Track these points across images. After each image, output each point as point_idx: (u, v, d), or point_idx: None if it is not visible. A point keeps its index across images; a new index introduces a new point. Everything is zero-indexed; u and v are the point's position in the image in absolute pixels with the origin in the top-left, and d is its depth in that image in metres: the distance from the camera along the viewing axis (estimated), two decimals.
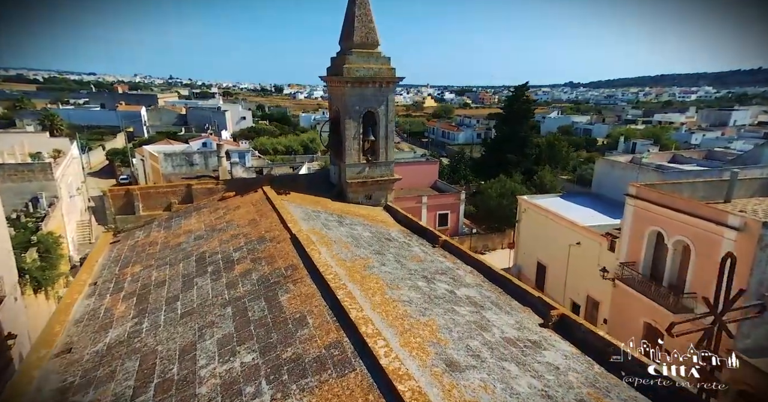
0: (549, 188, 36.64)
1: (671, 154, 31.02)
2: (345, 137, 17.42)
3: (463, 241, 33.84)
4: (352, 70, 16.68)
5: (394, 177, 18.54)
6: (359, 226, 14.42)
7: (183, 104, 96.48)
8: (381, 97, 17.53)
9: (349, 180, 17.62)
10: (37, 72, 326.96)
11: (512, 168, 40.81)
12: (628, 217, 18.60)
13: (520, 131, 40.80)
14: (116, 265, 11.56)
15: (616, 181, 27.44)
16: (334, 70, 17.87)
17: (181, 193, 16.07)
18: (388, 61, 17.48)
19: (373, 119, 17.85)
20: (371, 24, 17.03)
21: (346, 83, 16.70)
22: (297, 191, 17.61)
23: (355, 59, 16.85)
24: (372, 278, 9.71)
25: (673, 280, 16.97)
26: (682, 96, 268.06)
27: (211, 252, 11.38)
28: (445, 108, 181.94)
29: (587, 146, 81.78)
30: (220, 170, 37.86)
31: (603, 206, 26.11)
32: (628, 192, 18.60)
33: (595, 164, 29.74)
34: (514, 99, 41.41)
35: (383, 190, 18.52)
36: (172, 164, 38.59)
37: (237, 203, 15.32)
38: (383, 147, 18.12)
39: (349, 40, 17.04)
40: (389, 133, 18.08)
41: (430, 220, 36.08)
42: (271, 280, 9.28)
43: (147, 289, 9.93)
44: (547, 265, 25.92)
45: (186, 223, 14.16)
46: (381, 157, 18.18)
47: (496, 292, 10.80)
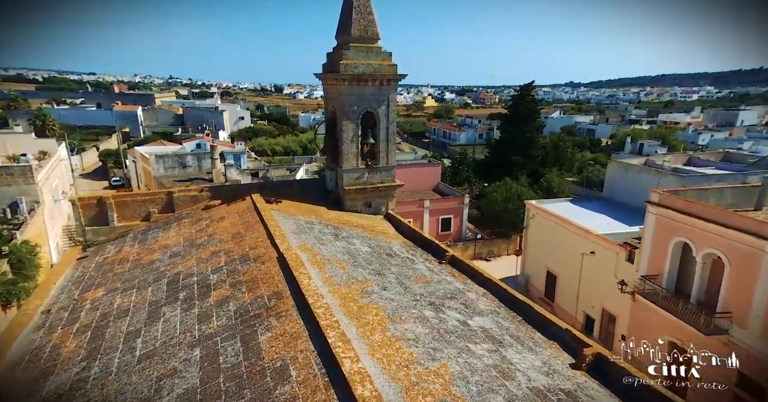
0: (557, 192, 35.15)
1: (687, 157, 29.55)
2: (342, 140, 15.95)
3: (467, 247, 32.41)
4: (349, 67, 15.21)
5: (395, 183, 17.07)
6: (357, 240, 12.95)
7: (180, 104, 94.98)
8: (381, 97, 16.06)
9: (347, 187, 16.14)
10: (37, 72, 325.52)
11: (517, 170, 39.31)
12: (650, 226, 17.14)
13: (526, 132, 39.33)
14: (77, 288, 10.10)
15: (630, 185, 25.99)
16: (329, 67, 16.40)
17: (162, 202, 14.61)
18: (389, 57, 16.01)
19: (373, 120, 16.38)
20: (371, 16, 15.56)
21: (343, 81, 15.22)
22: (290, 199, 16.15)
23: (352, 55, 15.38)
24: (371, 308, 8.25)
25: (702, 297, 15.51)
26: (683, 96, 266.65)
27: (187, 273, 9.91)
28: (445, 108, 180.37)
29: (591, 147, 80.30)
30: (213, 173, 36.40)
31: (617, 212, 24.63)
32: (650, 199, 17.13)
33: (607, 167, 28.26)
34: (519, 98, 39.93)
35: (384, 197, 17.04)
36: (164, 166, 37.13)
37: (222, 213, 13.85)
38: (384, 151, 16.65)
39: (346, 33, 15.57)
40: (390, 136, 16.60)
41: (433, 225, 34.64)
42: (250, 312, 7.82)
43: (106, 320, 8.46)
44: (557, 274, 24.47)
45: (163, 236, 12.69)
46: (381, 162, 16.71)
47: (515, 321, 9.32)
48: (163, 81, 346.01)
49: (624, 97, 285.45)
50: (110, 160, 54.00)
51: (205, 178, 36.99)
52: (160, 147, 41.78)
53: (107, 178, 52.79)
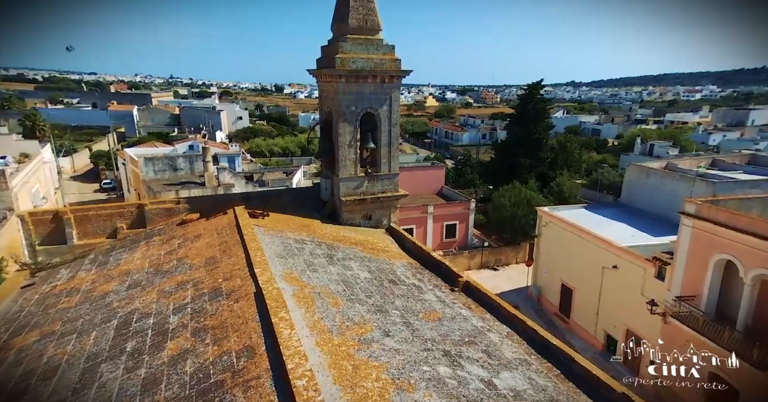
0: (568, 196, 33.26)
1: (710, 159, 27.57)
2: (338, 145, 14.06)
3: (474, 255, 30.50)
4: (346, 61, 13.32)
5: (399, 193, 15.18)
6: (355, 262, 11.05)
7: (177, 104, 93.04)
8: (383, 95, 14.17)
9: (344, 197, 14.25)
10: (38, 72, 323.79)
11: (525, 173, 37.36)
12: (685, 240, 15.25)
13: (534, 133, 37.37)
14: (7, 330, 8.23)
15: (652, 191, 24.07)
16: (324, 62, 14.51)
17: (131, 216, 12.73)
18: (391, 50, 14.12)
19: (373, 122, 14.50)
20: (371, 3, 13.67)
21: (339, 78, 13.33)
22: (280, 211, 14.27)
23: (350, 47, 13.49)
24: (370, 368, 6.36)
25: (750, 323, 13.61)
26: (686, 95, 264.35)
27: (142, 312, 8.03)
28: (447, 108, 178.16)
29: (598, 147, 78.29)
30: (206, 176, 34.48)
31: (639, 221, 22.70)
32: (685, 210, 15.24)
33: (626, 171, 26.32)
34: (527, 97, 37.97)
35: (386, 208, 15.15)
36: (154, 169, 35.23)
37: (199, 230, 11.97)
38: (386, 156, 14.75)
39: (342, 23, 13.68)
40: (393, 140, 14.70)
41: (437, 231, 32.73)
42: (211, 378, 5.93)
43: (26, 382, 6.55)
44: (573, 288, 22.55)
45: (127, 258, 10.81)
46: (383, 169, 14.82)
47: (553, 376, 7.40)
48: (163, 81, 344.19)
49: (626, 96, 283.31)
50: (102, 162, 52.15)
51: (197, 181, 35.09)
52: (152, 148, 39.93)
53: (98, 180, 50.95)
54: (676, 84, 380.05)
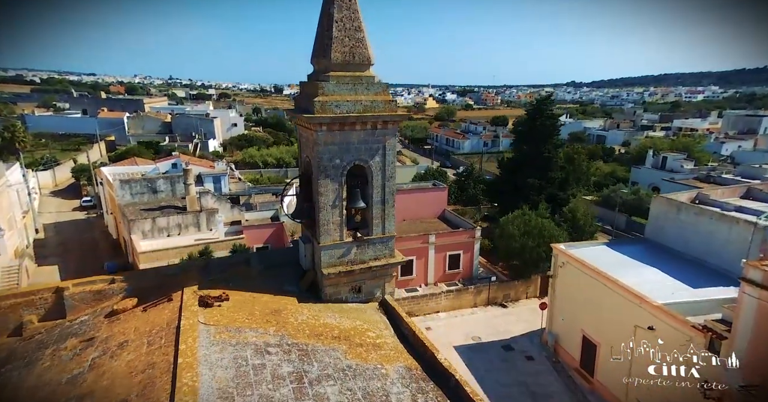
0: (583, 224, 30.45)
1: (745, 188, 24.71)
2: (319, 206, 11.29)
3: (480, 290, 27.67)
4: (328, 106, 10.56)
5: (395, 259, 12.41)
6: (334, 387, 8.24)
7: (170, 111, 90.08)
8: (375, 144, 11.40)
9: (327, 270, 11.47)
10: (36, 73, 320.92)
11: (534, 194, 34.55)
12: (749, 314, 12.49)
13: (543, 151, 34.57)
14: None
15: (684, 228, 21.24)
16: (303, 103, 11.75)
17: (46, 304, 10.01)
18: (384, 90, 11.36)
19: (363, 176, 11.74)
20: (359, 33, 10.87)
21: (320, 125, 10.55)
22: (246, 285, 11.49)
23: (333, 88, 10.72)
24: None
25: None
26: (688, 96, 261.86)
27: None
28: (447, 110, 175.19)
29: (604, 156, 75.51)
30: (187, 200, 31.71)
31: (671, 265, 19.87)
32: (747, 276, 12.49)
33: (652, 204, 23.44)
34: (535, 113, 35.12)
35: (379, 278, 12.40)
36: (131, 192, 32.41)
37: (128, 331, 9.20)
38: (379, 217, 12.00)
39: (323, 57, 10.91)
40: (387, 196, 11.93)
41: (439, 262, 29.92)
42: None
43: None
44: (597, 343, 19.70)
45: (12, 387, 7.98)
46: (375, 231, 12.06)
47: None
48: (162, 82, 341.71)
49: (628, 97, 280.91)
50: (83, 177, 49.30)
51: (177, 205, 32.33)
52: (132, 167, 37.11)
53: (80, 196, 48.10)
54: (677, 84, 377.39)
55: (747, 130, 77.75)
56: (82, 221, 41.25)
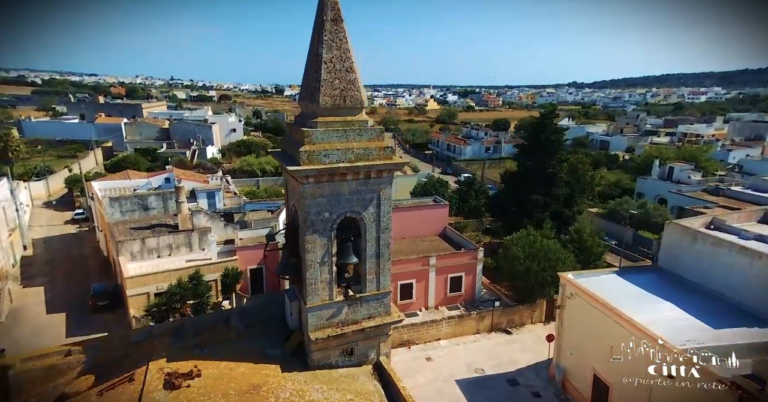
0: (590, 245, 29.26)
1: (762, 212, 23.50)
2: (306, 263, 10.14)
3: (483, 316, 26.48)
4: (315, 156, 9.42)
5: (391, 318, 11.26)
6: None
7: (167, 116, 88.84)
8: (369, 194, 10.26)
9: (314, 334, 10.32)
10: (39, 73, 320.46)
11: (538, 211, 33.34)
12: None
13: (548, 167, 33.36)
14: None
15: (701, 259, 20.04)
16: (289, 148, 10.64)
17: None
18: (379, 136, 10.22)
19: (356, 228, 10.59)
20: (351, 74, 9.71)
21: (306, 178, 9.40)
22: (221, 355, 10.32)
23: (321, 136, 9.58)
24: None
25: None
26: (691, 97, 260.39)
27: None
28: (448, 112, 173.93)
29: (608, 163, 74.24)
30: (179, 218, 30.58)
31: (688, 299, 18.62)
32: None
33: (665, 230, 22.23)
34: (539, 128, 33.90)
35: (373, 338, 11.23)
36: (121, 210, 31.29)
37: None
38: (373, 272, 10.86)
39: (311, 101, 9.77)
40: (383, 249, 10.79)
41: (440, 285, 28.76)
42: None
43: None
44: (610, 385, 18.54)
45: None
46: (369, 288, 10.92)
47: None
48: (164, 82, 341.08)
49: (630, 98, 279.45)
50: (77, 188, 48.18)
51: (169, 223, 31.20)
52: (123, 182, 35.98)
53: (73, 208, 46.97)
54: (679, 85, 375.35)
55: (754, 136, 76.44)
56: (72, 236, 40.13)
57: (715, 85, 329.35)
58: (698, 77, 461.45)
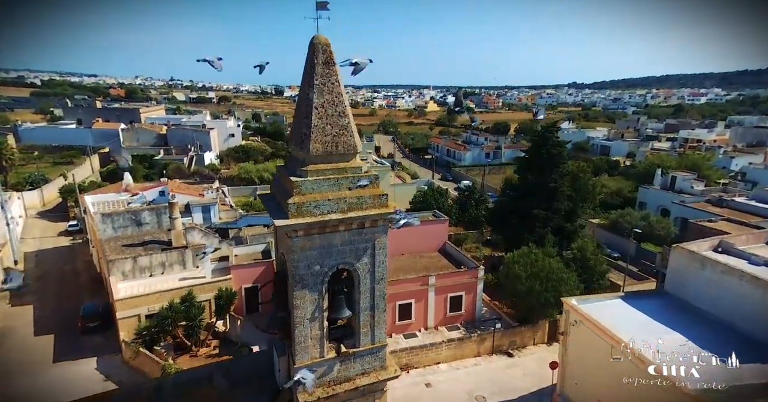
0: (594, 264, 28.56)
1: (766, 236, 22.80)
2: (295, 319, 9.41)
3: (484, 338, 25.72)
4: (305, 208, 8.70)
5: (387, 374, 10.54)
6: None
7: (165, 122, 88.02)
8: (362, 244, 9.55)
9: (303, 397, 9.56)
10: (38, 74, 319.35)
11: (539, 226, 32.61)
12: None
13: (550, 181, 32.64)
14: None
15: (710, 286, 19.34)
16: (277, 194, 9.91)
17: None
18: (373, 182, 9.46)
19: (349, 280, 9.87)
20: (344, 119, 8.99)
21: (295, 232, 8.67)
22: None
23: (311, 185, 8.86)
24: None
25: None
26: (691, 99, 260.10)
27: None
28: None
29: (609, 169, 73.50)
30: (173, 235, 29.85)
31: (698, 329, 17.86)
32: None
33: (672, 255, 21.55)
34: (540, 141, 33.16)
35: (368, 395, 10.49)
36: (113, 226, 30.60)
37: None
38: (367, 325, 10.14)
39: (301, 148, 9.06)
40: (378, 301, 10.07)
41: (440, 305, 28.03)
42: None
43: None
44: None
45: None
46: (363, 342, 10.20)
47: None
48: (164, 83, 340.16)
49: (630, 99, 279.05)
50: (71, 198, 47.40)
51: (163, 240, 30.46)
52: (117, 195, 35.28)
53: (68, 218, 46.20)
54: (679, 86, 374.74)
55: (756, 142, 75.72)
56: (65, 249, 39.35)
57: (715, 86, 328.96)
58: (698, 78, 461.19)
